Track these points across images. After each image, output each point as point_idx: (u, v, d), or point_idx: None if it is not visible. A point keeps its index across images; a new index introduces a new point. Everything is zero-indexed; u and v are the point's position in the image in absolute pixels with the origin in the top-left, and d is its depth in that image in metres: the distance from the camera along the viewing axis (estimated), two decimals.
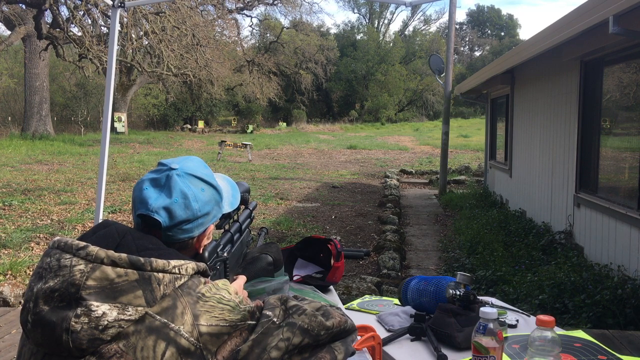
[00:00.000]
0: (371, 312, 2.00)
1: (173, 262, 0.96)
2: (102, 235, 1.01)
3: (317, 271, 2.09)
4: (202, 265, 1.02)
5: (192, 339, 0.92)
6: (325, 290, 2.00)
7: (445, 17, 39.80)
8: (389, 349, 1.61)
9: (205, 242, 1.18)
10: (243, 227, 1.56)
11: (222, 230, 1.44)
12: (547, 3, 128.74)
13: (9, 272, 5.22)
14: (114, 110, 23.43)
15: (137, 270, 0.92)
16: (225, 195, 1.24)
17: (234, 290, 1.03)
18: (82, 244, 0.96)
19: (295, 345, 0.99)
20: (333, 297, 1.96)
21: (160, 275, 0.94)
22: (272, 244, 1.91)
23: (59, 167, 14.06)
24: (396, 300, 2.09)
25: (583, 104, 5.71)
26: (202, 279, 1.00)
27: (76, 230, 7.27)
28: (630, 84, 4.99)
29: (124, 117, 27.79)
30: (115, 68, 5.97)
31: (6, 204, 8.74)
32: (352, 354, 1.09)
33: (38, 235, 6.88)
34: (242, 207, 1.58)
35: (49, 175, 12.42)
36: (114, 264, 0.92)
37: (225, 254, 1.35)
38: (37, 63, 22.55)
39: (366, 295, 2.46)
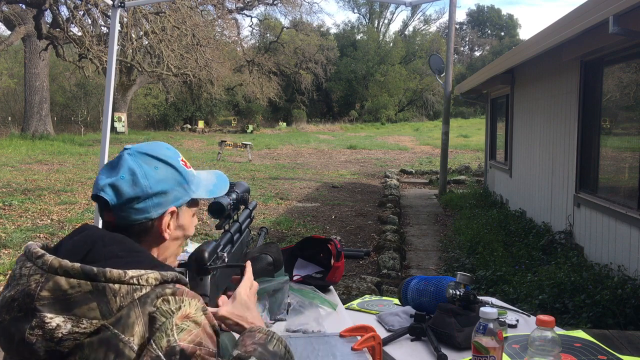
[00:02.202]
0: (371, 312, 2.00)
1: (130, 272, 0.89)
2: (75, 242, 0.97)
3: (317, 271, 2.09)
4: (169, 274, 0.94)
5: (142, 352, 0.87)
6: (325, 290, 2.00)
7: (445, 17, 39.78)
8: (389, 349, 1.61)
9: (172, 227, 1.10)
10: (243, 227, 1.56)
11: (222, 230, 1.44)
12: (547, 3, 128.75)
13: (9, 272, 5.22)
14: (114, 110, 23.43)
15: (90, 281, 0.87)
16: (203, 183, 1.18)
17: (187, 313, 0.92)
18: (41, 252, 0.92)
19: None
20: (333, 297, 1.96)
21: (116, 286, 0.88)
22: (272, 244, 1.91)
23: (59, 167, 14.06)
24: (396, 300, 2.09)
25: (583, 104, 5.71)
26: (169, 290, 0.92)
27: None
28: (630, 84, 4.99)
29: (124, 117, 27.80)
30: (115, 68, 5.97)
31: (6, 204, 8.74)
32: None
33: (38, 235, 6.88)
34: (242, 207, 1.58)
35: (49, 175, 12.42)
36: (67, 274, 0.88)
37: (225, 254, 1.35)
38: (37, 63, 22.56)
39: (366, 295, 2.46)
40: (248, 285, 1.26)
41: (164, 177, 1.08)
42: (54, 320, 0.86)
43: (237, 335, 1.50)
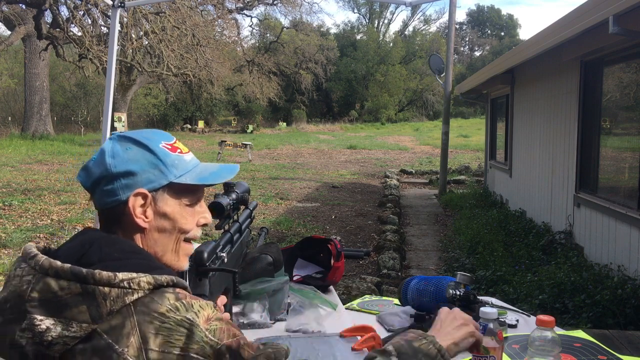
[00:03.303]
0: (371, 312, 2.00)
1: (120, 275, 0.86)
2: (74, 244, 0.95)
3: (317, 271, 2.09)
4: (164, 278, 0.90)
5: None
6: (325, 290, 2.00)
7: (445, 17, 39.78)
8: None
9: (150, 214, 1.02)
10: (243, 227, 1.56)
11: (222, 230, 1.44)
12: (547, 3, 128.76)
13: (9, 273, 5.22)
14: (114, 110, 23.42)
15: (79, 283, 0.84)
16: (197, 170, 1.08)
17: (208, 314, 0.90)
18: (34, 252, 0.90)
19: None
20: (333, 297, 1.96)
21: (106, 289, 0.84)
22: (272, 244, 1.91)
23: (59, 167, 14.06)
24: (396, 300, 2.08)
25: (583, 104, 5.71)
26: (171, 295, 0.88)
27: (76, 230, 7.27)
28: (630, 84, 4.99)
29: (124, 117, 27.75)
30: (115, 68, 5.97)
31: (6, 204, 8.74)
32: None
33: (38, 235, 6.88)
34: (242, 207, 1.57)
35: (49, 175, 12.42)
36: (57, 275, 0.85)
37: (224, 255, 1.35)
38: (37, 63, 22.56)
39: (366, 295, 2.46)
40: (446, 311, 1.21)
41: (133, 157, 1.01)
42: (44, 322, 0.83)
43: None
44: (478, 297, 1.75)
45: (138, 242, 1.03)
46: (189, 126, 34.27)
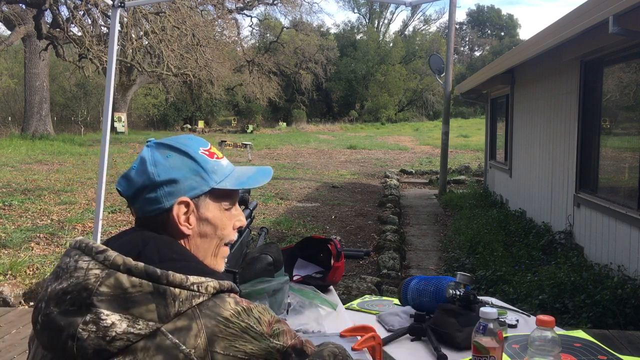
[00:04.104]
0: (371, 312, 2.00)
1: (192, 279, 0.88)
2: (126, 242, 0.96)
3: (317, 271, 2.09)
4: (226, 283, 0.93)
5: None
6: (325, 290, 2.00)
7: (445, 17, 39.75)
8: (389, 349, 1.61)
9: (193, 220, 1.03)
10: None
11: None
12: (547, 3, 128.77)
13: (9, 272, 5.23)
14: (114, 110, 23.45)
15: (152, 282, 0.86)
16: (234, 174, 1.10)
17: (269, 319, 0.92)
18: (102, 247, 0.91)
19: None
20: (333, 297, 1.96)
21: (177, 290, 0.86)
22: (272, 244, 1.91)
23: (59, 167, 14.06)
24: (396, 300, 2.08)
25: (583, 104, 5.71)
26: (231, 300, 0.91)
27: (76, 230, 7.27)
28: (630, 84, 4.99)
29: (124, 117, 27.81)
30: (115, 68, 5.97)
31: (6, 204, 8.75)
32: None
33: (38, 235, 6.88)
34: (243, 207, 1.57)
35: (49, 175, 12.42)
36: (129, 272, 0.86)
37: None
38: (37, 63, 22.56)
39: (366, 295, 2.46)
40: None
41: (175, 165, 1.02)
42: (110, 317, 0.83)
43: None
44: (478, 297, 1.75)
45: (183, 245, 1.05)
46: (188, 126, 34.28)
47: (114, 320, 0.83)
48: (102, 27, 20.20)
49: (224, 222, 1.08)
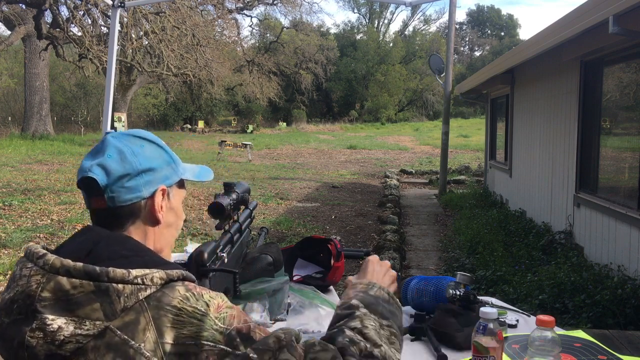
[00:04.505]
0: None
1: (134, 272, 0.86)
2: (78, 242, 0.94)
3: (317, 271, 2.09)
4: (175, 272, 0.90)
5: (156, 359, 0.82)
6: (325, 290, 2.00)
7: (445, 17, 39.74)
8: None
9: (165, 208, 1.06)
10: (243, 227, 1.56)
11: (222, 230, 1.44)
12: (547, 3, 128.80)
13: (9, 272, 5.23)
14: (114, 110, 23.45)
15: (92, 281, 0.84)
16: (188, 167, 1.15)
17: (219, 303, 0.90)
18: (42, 252, 0.89)
19: None
20: (333, 297, 1.96)
21: (120, 286, 0.84)
22: (272, 244, 1.91)
23: (59, 167, 14.07)
24: None
25: (583, 104, 5.71)
26: (181, 288, 0.88)
27: (76, 230, 7.26)
28: (630, 84, 4.99)
29: (124, 117, 27.75)
30: (115, 68, 5.97)
31: (6, 204, 8.74)
32: None
33: (38, 235, 6.88)
34: (242, 207, 1.57)
35: (49, 175, 12.42)
36: (68, 274, 0.85)
37: (224, 255, 1.34)
38: (37, 63, 22.56)
39: None
40: (376, 259, 1.26)
41: (151, 154, 1.05)
42: (56, 322, 0.82)
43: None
44: (478, 297, 1.75)
45: (150, 236, 1.05)
46: (189, 126, 34.28)
47: (60, 324, 0.82)
48: (102, 27, 20.20)
49: (182, 212, 1.13)
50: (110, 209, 1.00)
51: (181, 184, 1.12)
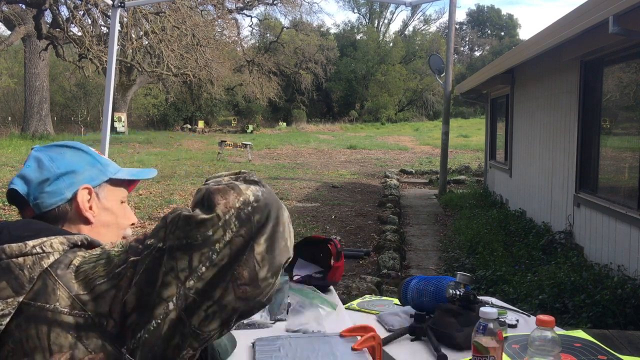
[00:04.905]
0: (371, 312, 2.00)
1: (31, 243, 0.86)
2: None
3: (317, 271, 2.09)
4: (77, 237, 0.92)
5: (76, 311, 0.81)
6: (325, 290, 2.00)
7: (445, 17, 39.73)
8: (389, 349, 1.61)
9: (95, 208, 1.08)
10: None
11: None
12: (547, 3, 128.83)
13: None
14: (114, 110, 23.47)
15: None
16: (125, 169, 1.18)
17: (111, 244, 0.91)
18: None
19: (195, 271, 0.79)
20: (333, 297, 1.96)
21: (20, 259, 0.84)
22: None
23: None
24: (396, 300, 2.08)
25: (583, 103, 5.71)
26: (84, 253, 0.89)
27: None
28: (630, 84, 4.99)
29: (124, 117, 27.80)
30: (115, 68, 5.98)
31: (6, 204, 8.74)
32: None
33: None
34: None
35: None
36: None
37: None
38: (37, 63, 22.56)
39: (366, 295, 2.46)
40: None
41: (71, 159, 1.08)
42: None
43: (236, 333, 1.50)
44: (478, 297, 1.75)
45: None
46: (189, 126, 34.26)
47: None
48: (102, 27, 20.19)
49: (123, 212, 1.16)
50: (39, 216, 1.04)
51: (115, 183, 1.14)
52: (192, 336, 0.80)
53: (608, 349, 1.59)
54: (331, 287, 2.05)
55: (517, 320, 1.83)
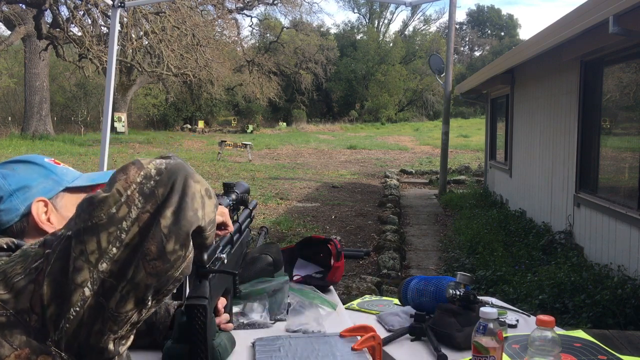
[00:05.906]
0: (371, 312, 2.00)
1: None
2: None
3: (317, 271, 2.10)
4: (1, 240, 0.92)
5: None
6: (325, 290, 2.00)
7: (445, 17, 39.73)
8: (389, 349, 1.61)
9: (54, 220, 1.09)
10: (243, 227, 1.55)
11: None
12: (547, 3, 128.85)
13: None
14: (114, 110, 23.46)
15: None
16: (84, 176, 1.19)
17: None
18: None
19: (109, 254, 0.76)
20: (333, 297, 1.96)
21: None
22: (272, 244, 1.91)
23: None
24: (396, 300, 2.08)
25: (583, 103, 5.72)
26: (4, 256, 0.86)
27: None
28: (630, 84, 4.99)
29: (124, 117, 27.79)
30: (115, 68, 5.97)
31: None
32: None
33: None
34: (242, 207, 1.57)
35: None
36: None
37: (224, 256, 1.34)
38: (37, 63, 22.56)
39: (366, 295, 2.46)
40: None
41: (24, 174, 1.09)
42: None
43: (236, 333, 1.50)
44: (478, 297, 1.75)
45: None
46: (189, 126, 34.26)
47: None
48: (102, 27, 20.20)
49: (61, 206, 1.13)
50: (1, 233, 1.04)
51: (75, 191, 1.14)
52: (112, 319, 0.79)
53: (608, 349, 1.59)
54: (331, 287, 2.05)
55: (517, 320, 1.82)
